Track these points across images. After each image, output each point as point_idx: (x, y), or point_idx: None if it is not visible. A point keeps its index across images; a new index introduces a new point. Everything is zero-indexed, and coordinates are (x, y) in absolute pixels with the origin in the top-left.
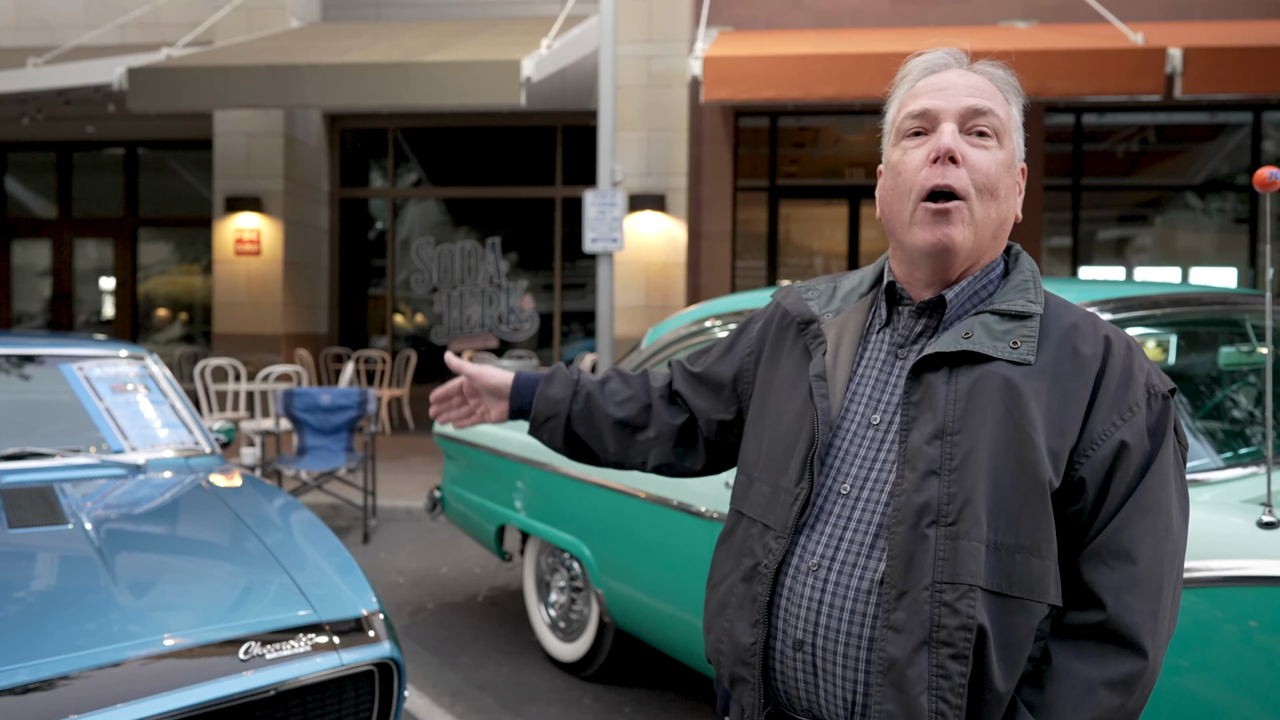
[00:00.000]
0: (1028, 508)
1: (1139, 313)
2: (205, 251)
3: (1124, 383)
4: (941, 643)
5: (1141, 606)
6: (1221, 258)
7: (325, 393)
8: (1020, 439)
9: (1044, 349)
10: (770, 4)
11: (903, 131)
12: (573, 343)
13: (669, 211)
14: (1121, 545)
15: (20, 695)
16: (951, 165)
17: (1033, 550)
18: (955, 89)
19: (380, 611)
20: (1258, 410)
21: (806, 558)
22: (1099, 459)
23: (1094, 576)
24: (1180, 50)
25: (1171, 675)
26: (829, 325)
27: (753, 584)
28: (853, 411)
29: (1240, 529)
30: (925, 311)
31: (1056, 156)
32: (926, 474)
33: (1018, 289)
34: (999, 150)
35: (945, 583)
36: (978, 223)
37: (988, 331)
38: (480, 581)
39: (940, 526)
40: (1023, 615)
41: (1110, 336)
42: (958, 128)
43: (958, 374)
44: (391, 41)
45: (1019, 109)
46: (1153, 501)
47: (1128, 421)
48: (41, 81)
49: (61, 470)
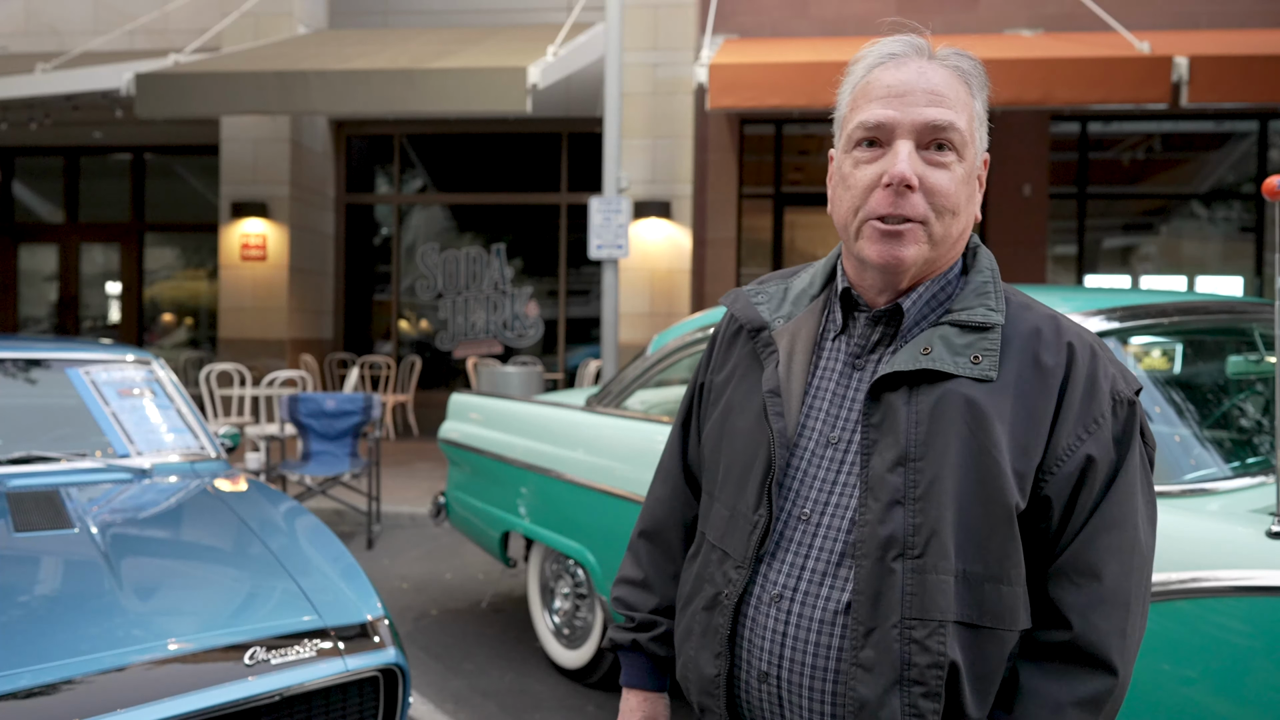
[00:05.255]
0: (995, 535)
1: (1146, 321)
2: (211, 257)
3: (1089, 393)
4: (914, 681)
5: (1109, 625)
6: (1227, 266)
7: (330, 398)
8: (985, 464)
9: (1006, 361)
10: (776, 12)
11: (854, 140)
12: (576, 349)
13: (674, 218)
14: (1088, 562)
15: (23, 700)
16: (907, 192)
17: (1002, 578)
18: (914, 94)
19: (385, 617)
20: (1265, 419)
21: (769, 587)
22: (1064, 476)
23: (1060, 595)
24: (1186, 59)
25: (1180, 685)
26: (780, 333)
27: (714, 614)
28: (810, 428)
29: (1249, 539)
30: (882, 319)
31: (1062, 164)
32: (890, 504)
33: (977, 292)
34: (959, 165)
35: (914, 619)
36: (935, 240)
37: (948, 346)
38: (484, 588)
39: (907, 559)
40: (995, 645)
41: (1074, 343)
42: (915, 144)
43: (918, 393)
44: (398, 48)
45: (983, 101)
46: (1119, 516)
47: (1093, 435)
48: (49, 87)
49: (67, 474)
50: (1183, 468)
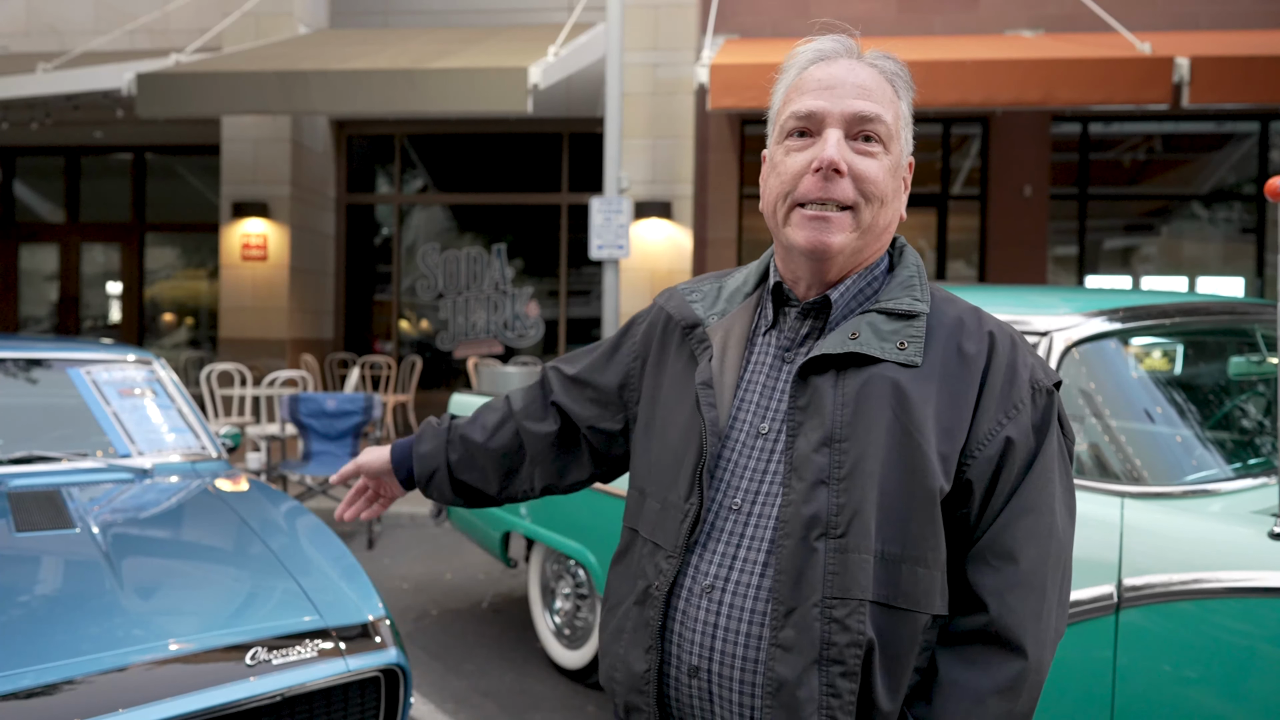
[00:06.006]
0: (916, 517)
1: (1148, 322)
2: (212, 256)
3: (1009, 380)
4: (832, 660)
5: (1025, 608)
6: (1228, 267)
7: (331, 398)
8: (909, 446)
9: (931, 349)
10: (777, 12)
11: (786, 130)
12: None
13: (675, 219)
14: (1004, 546)
15: (24, 700)
16: (836, 176)
17: (920, 560)
18: (843, 87)
19: (386, 617)
20: (1267, 420)
21: (699, 578)
22: (985, 459)
23: (978, 578)
24: (1188, 59)
25: (1182, 686)
26: (714, 329)
27: (645, 608)
28: (741, 420)
29: (1251, 540)
30: (811, 313)
31: (1063, 165)
32: (815, 484)
33: (903, 285)
34: (885, 156)
35: (835, 598)
36: (863, 229)
37: (875, 331)
38: (485, 588)
39: (829, 539)
40: (907, 627)
41: (994, 332)
42: (843, 134)
43: (845, 376)
44: (399, 48)
45: (908, 103)
46: (1036, 501)
47: (1013, 419)
48: (50, 87)
49: (69, 474)
50: (1184, 469)
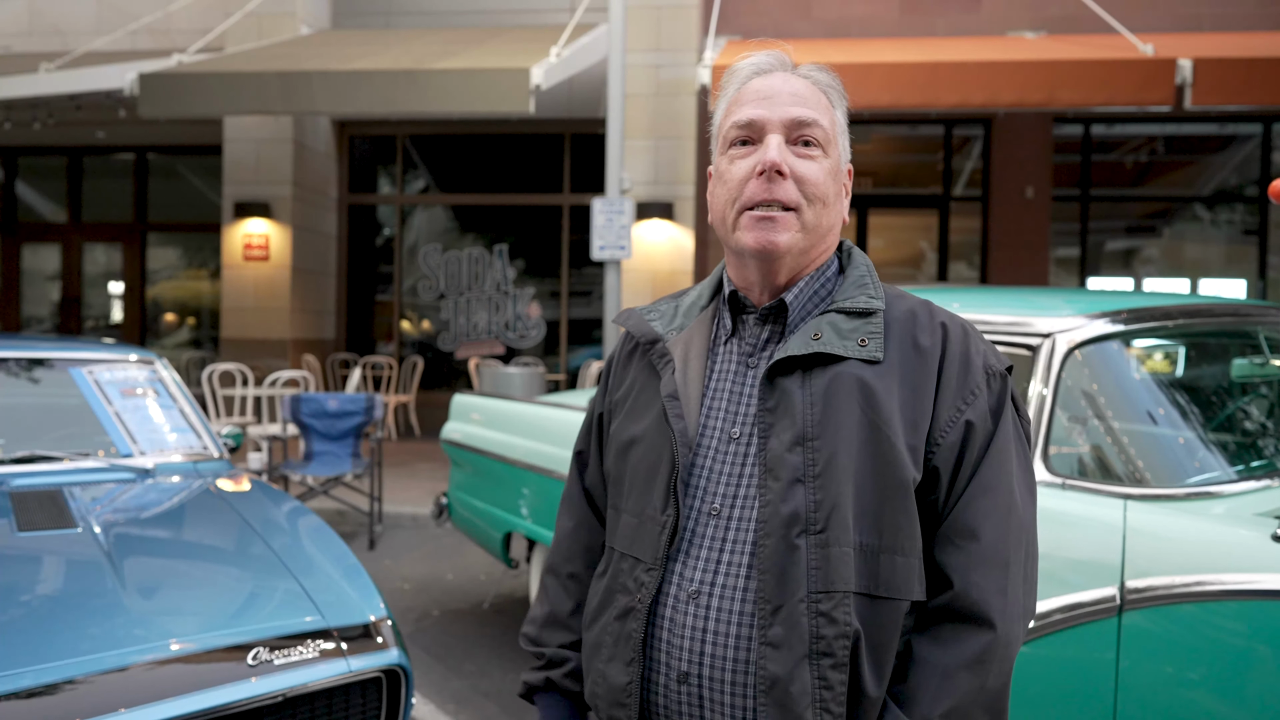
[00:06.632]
0: (890, 508)
1: (1151, 324)
2: (214, 257)
3: (964, 367)
4: (822, 653)
5: (988, 584)
6: (1230, 269)
7: (332, 398)
8: (879, 440)
9: (889, 344)
10: (778, 13)
11: (729, 140)
12: (578, 350)
13: (676, 220)
14: (966, 524)
15: (25, 699)
16: (779, 178)
17: (898, 550)
18: (779, 96)
19: (388, 618)
20: (1270, 422)
21: (684, 585)
22: (949, 446)
23: (944, 557)
24: (1190, 61)
25: (1184, 689)
26: (674, 343)
27: (627, 621)
28: (711, 427)
29: (1253, 542)
30: (769, 317)
31: (1065, 167)
32: (791, 482)
33: (857, 285)
34: (825, 159)
35: (820, 592)
36: (808, 229)
37: (836, 331)
38: (486, 588)
39: (810, 535)
40: (890, 615)
41: (946, 324)
42: (784, 139)
43: (811, 376)
44: (401, 49)
45: (843, 113)
46: (994, 480)
47: (971, 405)
48: (53, 87)
49: (71, 474)
50: (1187, 471)
